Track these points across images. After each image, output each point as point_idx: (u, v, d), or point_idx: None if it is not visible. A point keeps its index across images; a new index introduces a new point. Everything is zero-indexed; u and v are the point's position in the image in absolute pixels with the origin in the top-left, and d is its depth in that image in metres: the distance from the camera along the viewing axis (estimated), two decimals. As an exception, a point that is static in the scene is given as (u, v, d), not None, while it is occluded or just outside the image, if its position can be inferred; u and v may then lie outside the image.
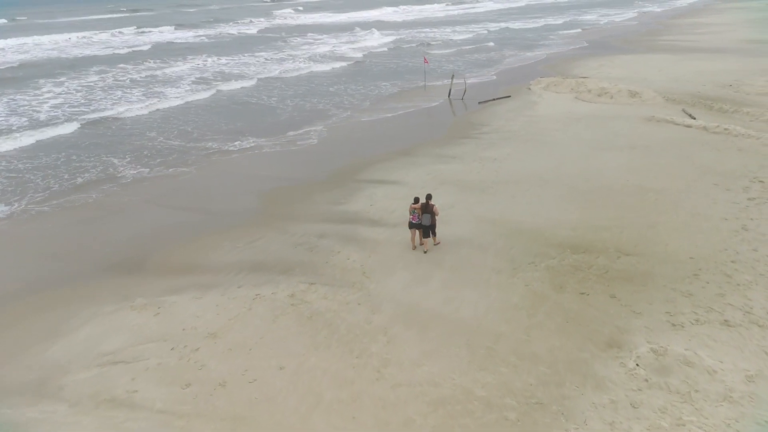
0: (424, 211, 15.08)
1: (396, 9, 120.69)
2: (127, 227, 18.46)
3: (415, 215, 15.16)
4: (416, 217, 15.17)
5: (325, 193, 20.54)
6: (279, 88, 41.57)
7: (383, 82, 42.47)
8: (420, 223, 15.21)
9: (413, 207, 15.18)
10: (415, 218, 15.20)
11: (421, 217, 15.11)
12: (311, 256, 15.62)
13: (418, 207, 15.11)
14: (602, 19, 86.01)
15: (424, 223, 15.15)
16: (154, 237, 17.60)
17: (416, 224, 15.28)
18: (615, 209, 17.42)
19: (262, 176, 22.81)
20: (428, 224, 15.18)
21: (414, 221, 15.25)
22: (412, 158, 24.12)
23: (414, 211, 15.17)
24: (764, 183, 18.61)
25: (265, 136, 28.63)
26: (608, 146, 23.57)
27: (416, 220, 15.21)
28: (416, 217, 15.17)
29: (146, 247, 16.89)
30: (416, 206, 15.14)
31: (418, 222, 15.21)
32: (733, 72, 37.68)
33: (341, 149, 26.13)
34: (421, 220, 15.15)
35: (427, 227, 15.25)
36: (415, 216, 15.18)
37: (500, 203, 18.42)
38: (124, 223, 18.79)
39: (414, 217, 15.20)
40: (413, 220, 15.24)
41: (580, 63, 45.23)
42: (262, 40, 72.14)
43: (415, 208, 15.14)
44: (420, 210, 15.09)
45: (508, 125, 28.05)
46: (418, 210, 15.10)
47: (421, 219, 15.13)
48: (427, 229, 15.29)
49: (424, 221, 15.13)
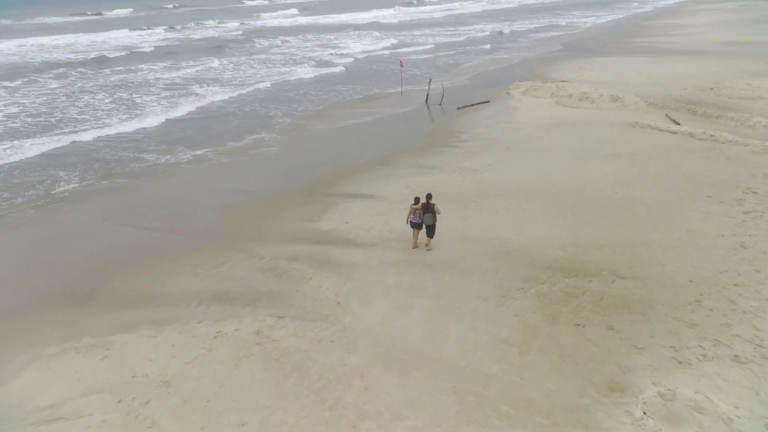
0: (425, 210, 15.15)
1: (391, 11, 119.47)
2: (75, 250, 16.81)
3: (416, 215, 15.22)
4: (417, 216, 15.22)
5: (297, 209, 19.17)
6: (249, 94, 40.02)
7: (359, 85, 41.19)
8: (422, 223, 15.28)
9: (414, 207, 15.22)
10: (416, 218, 15.26)
11: (423, 217, 15.19)
12: (280, 283, 14.25)
13: (419, 207, 15.17)
14: (579, 21, 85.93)
15: (426, 222, 15.26)
16: (106, 261, 16.01)
17: (418, 224, 15.35)
18: (605, 225, 16.40)
19: (226, 189, 21.31)
20: (430, 223, 15.29)
21: (415, 221, 15.30)
22: (389, 169, 22.89)
23: (415, 211, 15.21)
24: (758, 194, 17.80)
25: (230, 142, 27.13)
26: (593, 154, 22.63)
27: (417, 220, 15.26)
28: (417, 217, 15.23)
29: (97, 274, 15.33)
30: (417, 206, 15.19)
31: (419, 221, 15.28)
32: (712, 75, 37.24)
33: (314, 159, 24.74)
34: (422, 220, 15.23)
35: (428, 227, 15.34)
36: (416, 216, 15.23)
37: (484, 219, 17.27)
38: (73, 246, 17.13)
39: (415, 216, 15.26)
40: (414, 219, 15.30)
41: (558, 66, 44.49)
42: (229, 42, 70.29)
43: (416, 209, 15.18)
44: (421, 210, 15.16)
45: (489, 132, 26.99)
46: (420, 210, 15.16)
47: (422, 219, 15.21)
48: (428, 228, 15.39)
49: (426, 221, 15.23)
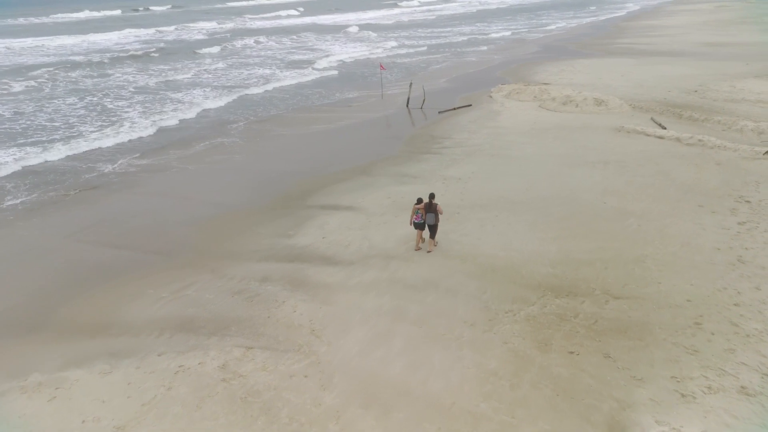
0: (428, 210, 15.12)
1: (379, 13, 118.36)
2: (29, 271, 15.53)
3: (419, 215, 15.19)
4: (420, 217, 15.18)
5: (272, 223, 18.11)
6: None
7: (340, 88, 40.15)
8: (424, 223, 15.22)
9: (417, 207, 15.23)
10: (418, 218, 15.22)
11: (425, 217, 15.14)
12: (251, 308, 13.17)
13: (422, 207, 15.17)
14: (558, 21, 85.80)
15: (429, 222, 15.22)
16: (63, 284, 14.79)
17: (420, 224, 15.30)
18: (596, 239, 15.60)
19: (196, 201, 20.17)
20: (433, 223, 15.23)
21: (417, 221, 15.26)
22: (369, 178, 21.91)
23: (417, 211, 15.21)
24: (751, 203, 17.15)
25: (200, 148, 25.95)
26: (580, 161, 21.88)
27: (420, 220, 15.22)
28: (420, 217, 15.19)
29: (52, 298, 14.11)
30: (420, 206, 15.20)
31: (422, 221, 15.23)
32: (695, 77, 36.91)
33: (291, 167, 23.67)
34: (425, 220, 15.18)
35: (431, 226, 15.30)
36: (418, 216, 15.20)
37: (468, 233, 16.37)
38: (26, 267, 15.84)
39: (417, 216, 15.22)
40: (417, 219, 15.26)
41: (540, 68, 43.92)
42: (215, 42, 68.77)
43: (419, 209, 15.19)
44: (424, 210, 15.14)
45: (472, 138, 26.14)
46: (422, 210, 15.15)
47: (425, 219, 15.16)
48: (431, 228, 15.33)
49: (428, 221, 15.18)
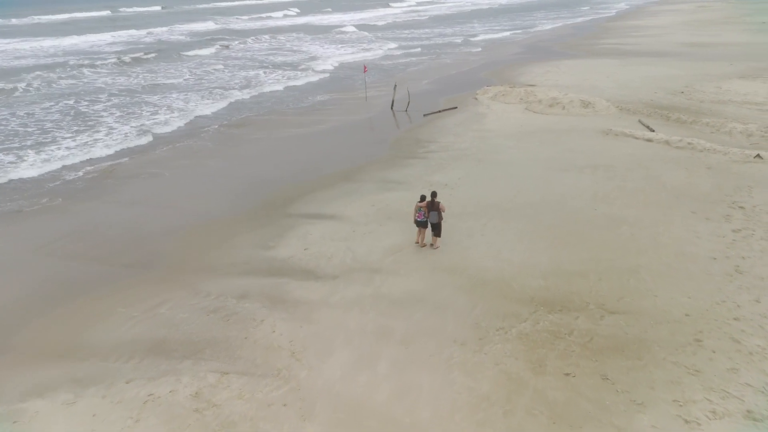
0: (430, 209, 15.12)
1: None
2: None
3: (421, 213, 15.18)
4: (422, 215, 15.18)
5: (251, 233, 17.33)
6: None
7: (325, 91, 39.40)
8: (427, 221, 15.23)
9: (419, 205, 15.21)
10: (420, 216, 15.21)
11: (428, 215, 15.15)
12: (227, 328, 12.41)
13: (425, 205, 15.16)
14: (542, 22, 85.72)
15: (432, 221, 15.22)
16: (28, 302, 13.90)
17: (423, 222, 15.29)
18: (587, 248, 15.05)
19: (173, 210, 19.35)
20: (435, 221, 15.22)
21: (420, 219, 15.24)
22: (353, 184, 21.20)
23: (420, 209, 15.18)
24: (745, 209, 16.73)
25: (182, 153, 25.07)
26: (568, 166, 21.37)
27: (422, 218, 15.22)
28: (422, 215, 15.18)
29: (16, 318, 13.24)
30: (422, 204, 15.19)
31: (424, 220, 15.23)
32: (681, 78, 36.72)
33: (272, 173, 22.90)
34: (428, 218, 15.18)
35: (434, 225, 15.26)
36: (421, 214, 15.19)
37: (457, 243, 15.73)
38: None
39: (420, 215, 15.21)
40: (419, 218, 15.25)
41: (525, 69, 43.51)
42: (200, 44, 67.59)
43: (422, 207, 15.16)
44: (426, 208, 15.12)
45: (458, 142, 25.55)
46: (425, 208, 15.14)
47: (428, 217, 15.17)
48: (433, 226, 15.29)
49: (431, 219, 15.19)
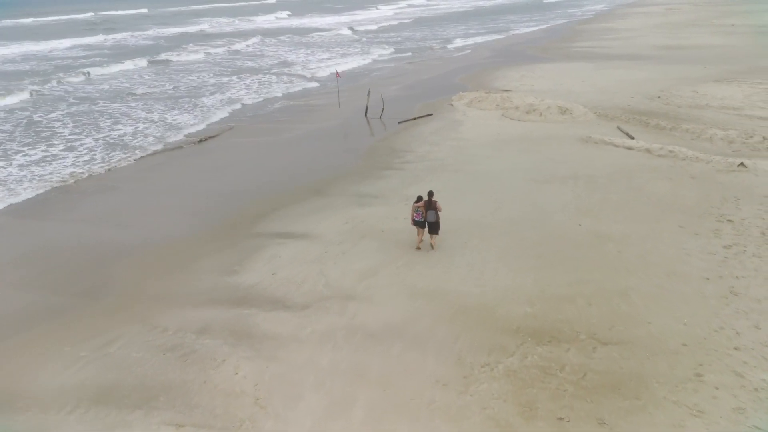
0: (427, 208, 15.10)
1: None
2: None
3: (419, 213, 15.21)
4: (420, 215, 15.20)
5: (214, 256, 16.10)
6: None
7: (292, 97, 38.14)
8: (424, 221, 15.21)
9: (416, 205, 15.24)
10: (418, 216, 15.24)
11: (426, 215, 15.13)
12: (185, 370, 11.19)
13: (422, 205, 15.17)
14: (515, 25, 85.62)
15: (429, 220, 15.19)
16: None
17: (421, 222, 15.31)
18: (574, 268, 14.18)
19: (126, 229, 18.05)
20: (433, 220, 15.20)
21: (418, 219, 15.28)
22: (325, 199, 20.08)
23: (417, 209, 15.21)
24: (734, 223, 16.08)
25: (139, 162, 23.64)
26: (548, 177, 20.57)
27: (420, 218, 15.24)
28: (419, 215, 15.20)
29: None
30: (419, 204, 15.21)
31: (422, 219, 15.24)
32: (656, 81, 36.42)
33: (238, 185, 21.67)
34: (425, 218, 15.16)
35: (431, 224, 15.24)
36: (418, 214, 15.22)
37: (435, 266, 14.74)
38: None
39: (418, 215, 15.24)
40: (417, 217, 15.29)
41: (500, 74, 42.81)
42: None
43: (419, 207, 15.20)
44: (424, 208, 15.13)
45: (434, 151, 24.60)
46: (422, 208, 15.16)
47: (425, 216, 15.14)
48: (431, 225, 15.27)
49: (429, 218, 15.16)
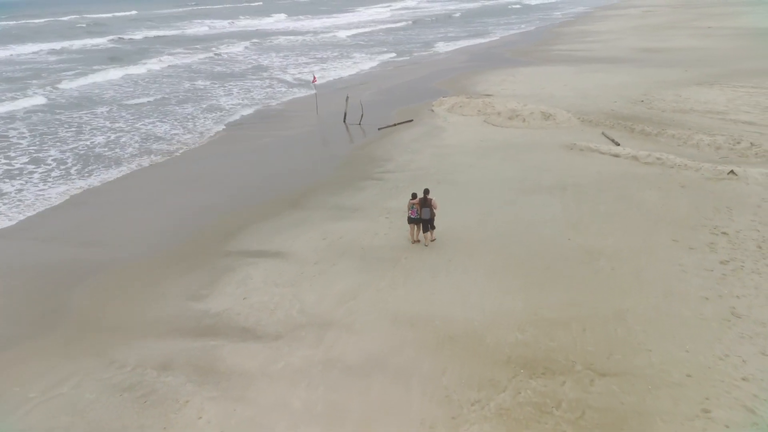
0: (423, 205, 15.13)
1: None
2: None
3: (414, 210, 15.26)
4: (415, 212, 15.25)
5: (179, 279, 14.97)
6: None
7: (266, 103, 36.98)
8: (419, 218, 15.25)
9: (412, 203, 15.31)
10: (413, 213, 15.29)
11: (421, 212, 15.16)
12: (143, 414, 10.05)
13: (417, 202, 15.21)
14: (493, 29, 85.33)
15: (424, 217, 15.22)
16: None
17: (415, 219, 15.37)
18: (566, 288, 13.34)
19: (87, 247, 16.85)
20: (428, 217, 15.23)
21: (413, 216, 15.35)
22: (301, 212, 19.03)
23: (413, 206, 15.26)
24: (728, 235, 15.41)
25: (98, 172, 22.34)
26: (534, 187, 19.76)
27: (415, 215, 15.29)
28: (415, 212, 15.26)
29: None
30: (415, 201, 15.26)
31: (417, 217, 15.29)
32: (638, 85, 36.02)
33: (208, 198, 20.52)
34: (420, 215, 15.20)
35: (426, 221, 15.28)
36: (413, 211, 15.27)
37: (419, 286, 13.78)
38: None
39: (413, 212, 15.30)
40: (412, 215, 15.35)
41: (481, 78, 42.10)
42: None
43: (414, 204, 15.24)
44: (419, 205, 15.16)
45: (416, 160, 23.69)
46: (417, 205, 15.19)
47: (420, 214, 15.19)
48: (426, 222, 15.33)
49: (423, 215, 15.19)
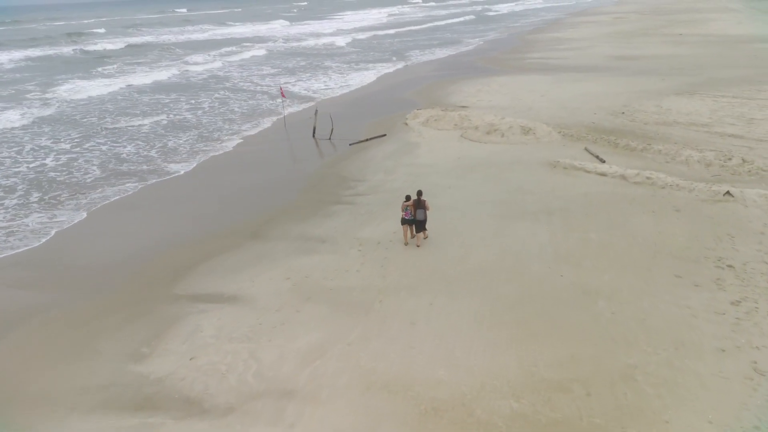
0: (417, 206, 15.38)
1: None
2: None
3: (408, 212, 15.49)
4: (409, 213, 15.49)
5: (118, 332, 12.99)
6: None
7: (228, 117, 34.86)
8: (413, 219, 15.50)
9: (406, 204, 15.53)
10: (407, 214, 15.52)
11: (415, 213, 15.42)
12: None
13: (411, 204, 15.46)
14: (463, 37, 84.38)
15: (419, 218, 15.46)
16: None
17: (409, 220, 15.60)
18: (563, 339, 11.67)
19: (11, 289, 14.58)
20: (422, 218, 15.47)
21: (407, 217, 15.57)
22: (262, 244, 17.14)
23: (407, 207, 15.49)
24: (735, 269, 13.98)
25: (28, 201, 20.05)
26: (518, 211, 18.17)
27: (409, 216, 15.52)
28: (409, 213, 15.50)
29: None
30: (409, 203, 15.49)
31: (411, 218, 15.53)
32: (617, 95, 34.92)
33: (153, 230, 18.48)
34: (414, 216, 15.46)
35: (420, 222, 15.52)
36: (407, 212, 15.49)
37: (395, 339, 11.97)
38: None
39: (407, 213, 15.52)
40: (406, 216, 15.56)
41: (455, 88, 40.63)
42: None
43: (408, 206, 15.47)
44: (413, 206, 15.40)
45: (389, 181, 21.93)
46: (411, 207, 15.43)
47: (414, 215, 15.44)
48: (420, 223, 15.57)
49: (418, 216, 15.43)
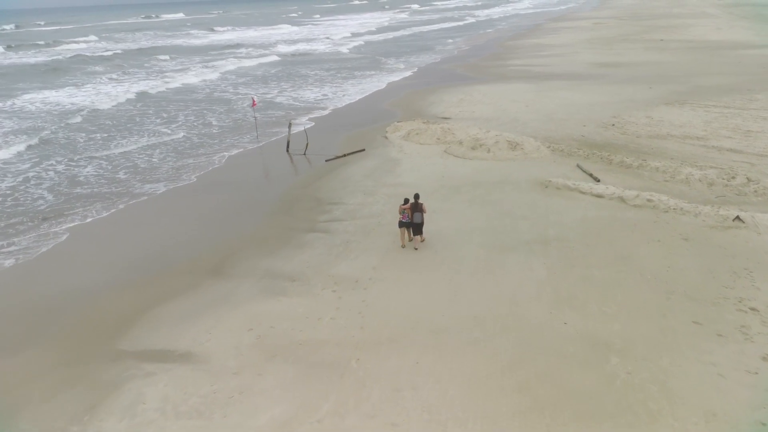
0: (414, 210, 15.48)
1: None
2: None
3: (405, 215, 15.57)
4: (406, 216, 15.57)
5: (45, 403, 10.90)
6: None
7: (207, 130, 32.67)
8: (410, 222, 15.59)
9: (403, 207, 15.62)
10: (405, 217, 15.59)
11: (412, 217, 15.51)
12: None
13: (408, 207, 15.53)
14: (440, 43, 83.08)
15: (416, 221, 15.54)
16: None
17: (407, 223, 15.66)
18: (575, 411, 9.82)
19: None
20: (419, 221, 15.56)
21: (404, 220, 15.62)
22: (223, 283, 15.13)
23: (404, 211, 15.56)
24: (759, 312, 12.33)
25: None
26: (510, 241, 16.38)
27: (406, 219, 15.60)
28: (406, 217, 15.57)
29: None
30: (406, 207, 15.56)
31: (408, 221, 15.60)
32: (605, 105, 33.55)
33: (94, 270, 16.24)
34: (411, 219, 15.55)
35: (417, 225, 15.60)
36: (405, 216, 15.57)
37: (375, 412, 10.01)
38: None
39: (404, 216, 15.59)
40: (403, 219, 15.63)
41: (436, 97, 38.94)
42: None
43: (405, 209, 15.54)
44: (410, 210, 15.49)
45: (368, 203, 20.02)
46: (408, 210, 15.51)
47: (412, 218, 15.53)
48: (417, 226, 15.64)
49: (415, 219, 15.52)
